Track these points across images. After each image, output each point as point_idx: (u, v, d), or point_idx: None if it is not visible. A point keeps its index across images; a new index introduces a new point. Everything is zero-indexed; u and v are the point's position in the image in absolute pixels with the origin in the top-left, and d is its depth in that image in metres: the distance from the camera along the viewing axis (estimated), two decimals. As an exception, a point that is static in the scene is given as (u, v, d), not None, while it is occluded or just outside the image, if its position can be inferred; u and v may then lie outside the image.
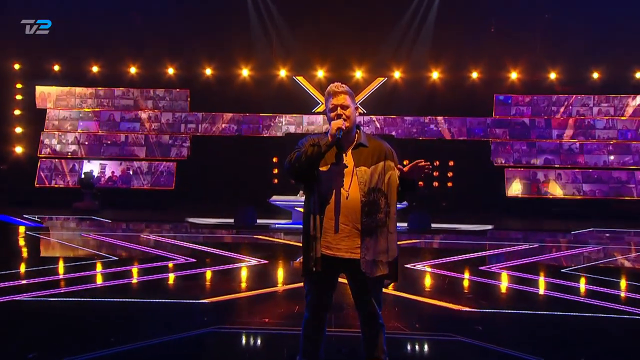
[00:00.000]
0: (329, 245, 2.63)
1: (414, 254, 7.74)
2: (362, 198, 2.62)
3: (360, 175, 2.64)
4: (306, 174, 2.63)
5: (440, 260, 7.17)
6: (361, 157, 2.68)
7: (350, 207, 2.62)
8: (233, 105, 14.74)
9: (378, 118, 14.87)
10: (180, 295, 5.09)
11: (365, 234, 2.62)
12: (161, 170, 14.45)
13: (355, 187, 2.63)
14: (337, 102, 2.66)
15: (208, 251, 7.58)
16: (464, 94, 14.29)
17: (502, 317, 4.58)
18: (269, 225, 10.74)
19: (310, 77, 14.74)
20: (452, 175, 14.10)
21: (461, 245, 8.98)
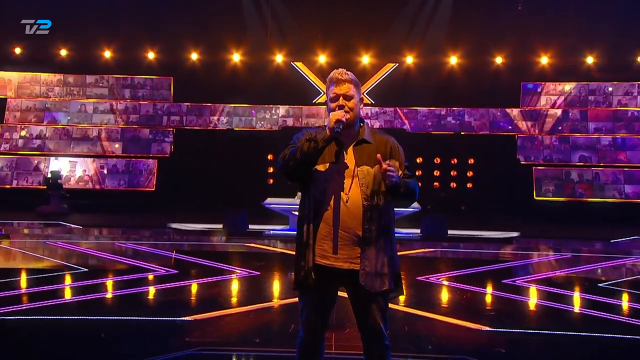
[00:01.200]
0: (325, 254, 2.64)
1: (427, 265, 7.70)
2: (363, 202, 2.62)
3: (362, 176, 2.64)
4: (302, 173, 2.63)
5: (458, 272, 7.15)
6: (364, 155, 2.67)
7: (350, 212, 2.62)
8: (222, 95, 14.78)
9: (387, 110, 14.88)
10: (159, 312, 5.10)
11: (366, 243, 2.63)
12: (140, 169, 14.49)
13: (356, 190, 2.63)
14: (339, 91, 2.66)
15: (193, 261, 7.58)
16: (487, 81, 14.29)
17: (528, 338, 4.58)
18: (263, 231, 10.75)
19: (310, 63, 14.76)
20: (472, 174, 14.10)
21: (482, 255, 8.96)
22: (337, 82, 2.68)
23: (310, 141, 2.57)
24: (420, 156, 14.21)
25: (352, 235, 2.62)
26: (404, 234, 10.67)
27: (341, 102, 2.65)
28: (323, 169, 2.63)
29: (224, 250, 9.37)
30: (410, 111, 14.89)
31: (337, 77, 2.68)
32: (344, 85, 2.67)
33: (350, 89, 2.67)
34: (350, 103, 2.67)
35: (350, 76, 2.70)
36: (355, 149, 2.69)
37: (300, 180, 2.68)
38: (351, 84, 2.69)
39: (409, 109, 14.87)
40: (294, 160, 2.59)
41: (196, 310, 5.11)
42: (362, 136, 2.71)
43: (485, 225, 11.58)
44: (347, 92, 2.66)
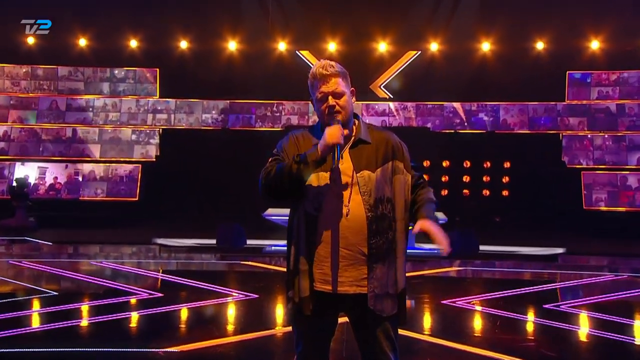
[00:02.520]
0: (326, 278, 2.62)
1: (454, 286, 7.66)
2: (367, 213, 2.60)
3: (362, 183, 2.62)
4: (290, 193, 2.63)
5: (491, 295, 7.12)
6: (362, 158, 2.66)
7: (352, 226, 2.60)
8: (216, 89, 14.88)
9: (408, 105, 14.88)
10: (141, 342, 5.12)
11: (373, 260, 2.61)
12: (121, 175, 14.60)
13: (357, 200, 2.61)
14: (327, 88, 2.65)
15: (181, 282, 7.60)
16: (526, 71, 14.25)
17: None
18: (263, 247, 10.76)
19: (318, 51, 14.81)
20: (509, 180, 14.04)
21: (520, 275, 8.90)
22: (322, 79, 2.66)
23: (300, 163, 2.55)
24: (446, 159, 14.18)
25: (356, 253, 2.60)
26: (426, 250, 10.62)
27: (331, 101, 2.65)
28: (316, 179, 2.62)
29: (218, 269, 9.38)
30: (434, 107, 14.88)
31: (321, 73, 2.66)
32: (331, 80, 2.65)
33: (339, 84, 2.66)
34: (342, 101, 2.66)
35: (337, 68, 2.69)
36: (352, 151, 2.67)
37: (288, 199, 2.68)
38: (339, 77, 2.67)
39: (433, 104, 14.86)
40: (279, 181, 2.59)
41: (184, 340, 5.13)
42: (358, 135, 2.70)
43: (524, 240, 11.52)
44: (336, 89, 2.65)
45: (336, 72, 2.68)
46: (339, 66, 2.71)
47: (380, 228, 2.61)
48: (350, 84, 2.74)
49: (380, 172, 2.64)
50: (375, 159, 2.66)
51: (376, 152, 2.68)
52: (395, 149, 2.72)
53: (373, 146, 2.69)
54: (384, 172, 2.65)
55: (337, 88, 2.66)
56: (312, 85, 2.71)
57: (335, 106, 2.64)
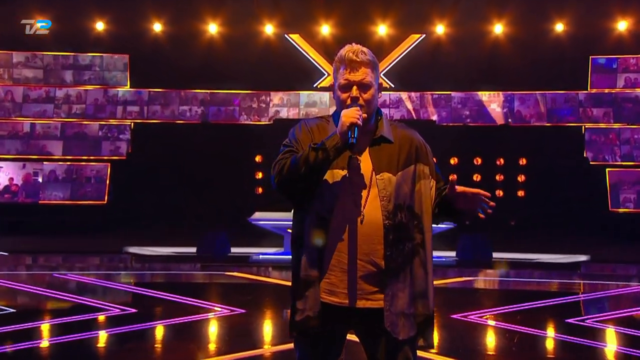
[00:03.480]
0: (334, 289, 2.63)
1: (465, 299, 7.67)
2: (385, 220, 2.61)
3: (382, 187, 2.64)
4: (307, 188, 2.63)
5: (506, 309, 7.13)
6: (383, 159, 2.67)
7: (367, 233, 2.61)
8: (195, 78, 14.83)
9: (411, 95, 14.90)
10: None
11: (389, 274, 2.61)
12: (87, 176, 14.54)
13: (374, 204, 2.62)
14: (353, 77, 2.64)
15: (157, 296, 7.58)
16: (543, 56, 14.29)
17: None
18: (249, 256, 10.76)
19: (310, 35, 14.81)
20: (525, 179, 14.08)
21: (539, 285, 8.90)
22: (350, 65, 2.65)
23: (318, 150, 2.54)
24: (454, 156, 14.21)
25: (370, 264, 2.61)
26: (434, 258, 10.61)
27: (355, 92, 2.64)
28: (330, 178, 2.63)
29: (198, 281, 9.36)
30: (441, 97, 14.91)
31: (350, 58, 2.65)
32: (360, 69, 2.64)
33: (368, 75, 2.65)
34: (368, 94, 2.66)
35: (369, 56, 2.68)
36: (372, 150, 2.68)
37: (302, 196, 2.68)
38: (369, 67, 2.66)
39: (439, 93, 14.88)
40: (297, 174, 2.57)
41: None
42: (380, 133, 2.71)
43: (543, 247, 11.56)
44: (364, 79, 2.64)
45: (368, 60, 2.66)
46: (371, 54, 2.70)
47: (398, 239, 2.61)
48: (379, 77, 2.74)
49: (401, 175, 2.65)
50: (397, 161, 2.67)
51: (399, 152, 2.68)
52: (420, 151, 2.74)
53: (395, 146, 2.70)
54: (405, 176, 2.66)
55: (365, 79, 2.65)
56: (337, 69, 2.69)
57: (359, 98, 2.64)
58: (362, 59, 2.65)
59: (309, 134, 2.72)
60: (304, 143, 2.66)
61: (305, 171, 2.56)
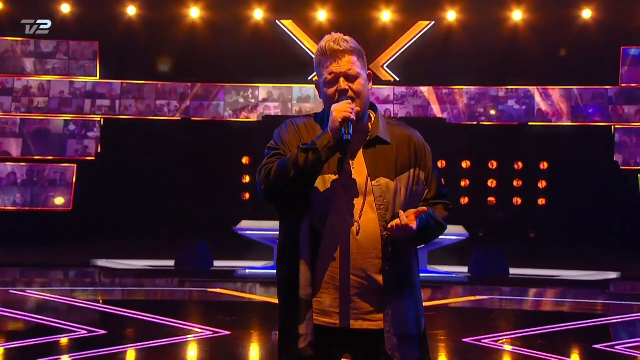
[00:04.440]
0: (327, 309, 2.65)
1: (479, 320, 7.63)
2: (383, 232, 2.63)
3: (378, 194, 2.65)
4: (298, 195, 2.65)
5: (525, 332, 7.10)
6: (379, 162, 2.69)
7: (363, 247, 2.63)
8: (174, 68, 14.79)
9: (418, 90, 14.89)
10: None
11: (388, 291, 2.64)
12: (50, 179, 14.47)
13: (370, 215, 2.64)
14: (338, 68, 2.66)
15: (129, 316, 7.54)
16: (568, 47, 14.28)
17: None
18: (235, 270, 10.73)
19: (304, 21, 14.78)
20: (546, 185, 14.08)
21: (562, 305, 8.88)
22: (333, 56, 2.67)
23: (308, 151, 2.55)
24: (466, 158, 14.20)
25: (367, 280, 2.63)
26: (443, 274, 10.61)
27: (342, 85, 2.65)
28: (321, 185, 2.64)
29: (176, 298, 9.31)
30: (451, 92, 14.90)
31: (332, 48, 2.66)
32: (344, 58, 2.66)
33: (354, 64, 2.67)
34: (356, 85, 2.67)
35: (352, 43, 2.70)
36: (366, 152, 2.70)
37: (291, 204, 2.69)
38: (353, 54, 2.68)
39: (449, 88, 14.88)
40: (285, 179, 2.58)
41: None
42: (375, 133, 2.73)
43: (566, 262, 11.54)
44: (350, 70, 2.66)
45: (351, 48, 2.68)
46: (354, 42, 2.72)
47: (398, 252, 2.64)
48: (367, 65, 2.76)
49: (400, 181, 2.67)
50: (395, 164, 2.69)
51: (397, 155, 2.70)
52: (419, 153, 2.75)
53: (393, 147, 2.72)
54: (404, 182, 2.68)
55: (352, 69, 2.67)
56: (320, 63, 2.71)
57: (348, 90, 2.65)
58: (344, 47, 2.67)
59: (297, 134, 2.73)
60: (292, 144, 2.68)
61: (295, 175, 2.56)
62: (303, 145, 2.57)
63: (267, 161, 2.67)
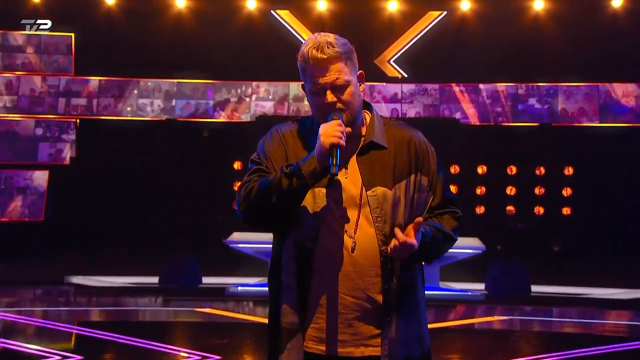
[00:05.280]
0: (323, 335, 2.66)
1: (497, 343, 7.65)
2: (381, 247, 2.65)
3: (375, 205, 2.67)
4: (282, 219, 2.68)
5: (549, 357, 7.10)
6: (375, 169, 2.70)
7: (359, 264, 2.65)
8: (158, 64, 14.80)
9: (429, 87, 14.90)
10: None
11: (389, 312, 2.66)
12: (20, 187, 14.47)
13: (367, 228, 2.66)
14: (324, 79, 2.66)
15: (108, 339, 7.54)
16: (596, 38, 14.29)
17: None
18: (226, 287, 10.72)
19: (302, 11, 14.82)
20: (571, 193, 14.08)
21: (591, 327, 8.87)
22: (317, 65, 2.65)
23: (292, 176, 2.55)
24: (482, 163, 14.21)
25: (365, 301, 2.65)
26: (457, 292, 10.59)
27: (330, 98, 2.65)
28: (311, 199, 2.66)
29: (161, 319, 9.36)
30: (466, 90, 14.91)
31: (315, 57, 2.64)
32: (330, 68, 2.65)
33: (341, 72, 2.66)
34: (346, 94, 2.67)
35: (337, 47, 2.66)
36: (360, 159, 2.71)
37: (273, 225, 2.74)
38: (340, 61, 2.66)
39: (464, 85, 14.89)
40: (267, 204, 2.61)
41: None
42: (369, 137, 2.73)
43: (595, 279, 11.53)
44: (337, 80, 2.65)
45: (337, 54, 2.66)
46: (340, 43, 2.69)
47: (397, 267, 2.66)
48: (357, 64, 2.75)
49: (399, 189, 2.68)
50: (393, 171, 2.70)
51: (394, 160, 2.72)
52: (420, 156, 2.76)
53: (390, 152, 2.73)
54: (404, 190, 2.70)
55: (339, 78, 2.66)
56: (303, 70, 2.71)
57: (336, 103, 2.65)
58: (329, 54, 2.65)
59: (282, 146, 2.74)
60: (276, 159, 2.71)
61: (278, 200, 2.59)
62: (287, 169, 2.57)
63: (248, 179, 2.69)
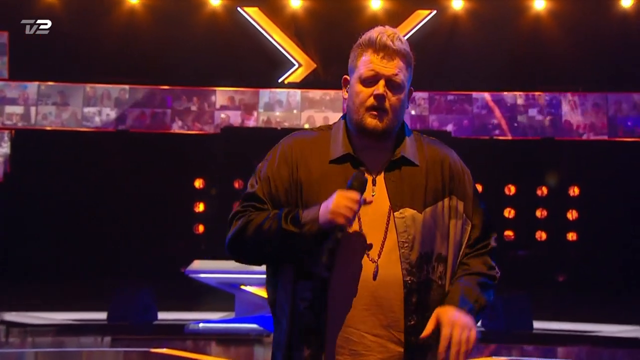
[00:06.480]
0: None
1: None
2: (406, 277, 2.65)
3: (402, 228, 2.67)
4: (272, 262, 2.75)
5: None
6: (405, 189, 2.72)
7: (382, 296, 2.64)
8: (108, 66, 14.80)
9: (416, 95, 14.96)
10: None
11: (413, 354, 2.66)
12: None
13: (391, 254, 2.66)
14: (382, 68, 2.68)
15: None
16: (603, 42, 14.44)
17: None
18: (185, 324, 10.68)
19: (272, 9, 14.91)
20: (577, 216, 14.18)
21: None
22: (382, 52, 2.69)
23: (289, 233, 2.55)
24: (478, 181, 14.06)
25: (387, 340, 2.65)
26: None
27: (381, 89, 2.67)
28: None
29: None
30: (458, 99, 15.03)
31: (384, 43, 2.69)
32: (394, 60, 2.70)
33: (401, 70, 2.71)
34: (396, 99, 2.69)
35: (406, 46, 2.74)
36: (388, 176, 2.72)
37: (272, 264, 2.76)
38: (404, 61, 2.72)
39: (455, 94, 15.00)
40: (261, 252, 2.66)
41: None
42: (401, 151, 2.75)
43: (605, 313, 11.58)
44: (396, 76, 2.69)
45: (405, 52, 2.72)
46: (408, 46, 2.75)
47: (425, 302, 2.65)
48: (411, 76, 2.78)
49: (430, 212, 2.69)
50: (425, 192, 2.71)
51: (426, 179, 2.73)
52: (456, 178, 2.80)
53: (422, 170, 2.75)
54: (435, 214, 2.71)
55: (398, 75, 2.69)
56: (360, 54, 2.74)
57: (385, 101, 2.67)
58: (398, 47, 2.70)
59: (290, 167, 2.72)
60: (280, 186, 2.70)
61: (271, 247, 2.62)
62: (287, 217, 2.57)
63: (243, 208, 2.70)
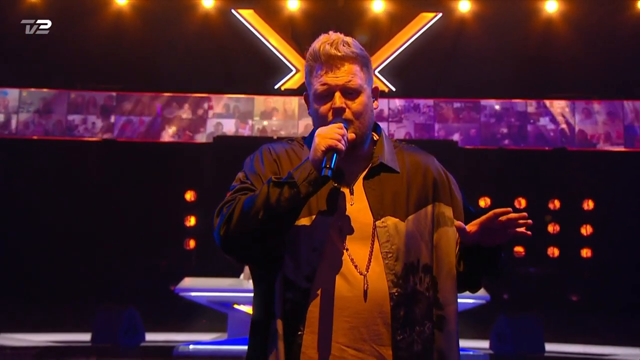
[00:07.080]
0: None
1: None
2: (391, 289, 2.66)
3: (385, 238, 2.69)
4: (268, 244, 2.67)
5: None
6: (385, 197, 2.74)
7: (366, 309, 2.65)
8: (94, 72, 14.79)
9: (421, 103, 14.98)
10: None
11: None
12: None
13: (374, 266, 2.67)
14: (333, 79, 2.73)
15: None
16: (618, 46, 14.40)
17: None
18: (174, 346, 10.64)
19: (268, 11, 14.89)
20: (592, 232, 14.18)
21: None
22: (328, 62, 2.74)
23: (283, 185, 2.58)
24: (485, 194, 14.26)
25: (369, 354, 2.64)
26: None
27: (338, 102, 2.71)
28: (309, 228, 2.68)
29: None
30: (465, 106, 15.02)
31: (328, 53, 2.73)
32: (343, 67, 2.74)
33: (355, 74, 2.74)
34: (357, 103, 2.74)
35: (354, 48, 2.77)
36: (368, 184, 2.75)
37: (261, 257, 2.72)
38: (355, 63, 2.76)
39: (462, 101, 15.01)
40: (253, 223, 2.60)
41: None
42: (379, 159, 2.78)
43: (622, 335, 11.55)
44: (350, 82, 2.73)
45: (353, 54, 2.75)
46: (357, 46, 2.79)
47: (412, 315, 2.67)
48: (372, 75, 2.82)
49: (413, 220, 2.71)
50: (407, 200, 2.74)
51: (408, 187, 2.76)
52: (439, 184, 2.81)
53: (402, 177, 2.78)
54: (419, 222, 2.73)
55: (352, 81, 2.73)
56: (311, 71, 2.78)
57: (345, 110, 2.71)
58: (344, 52, 2.73)
59: (274, 164, 2.78)
60: (268, 176, 2.69)
61: (266, 217, 2.59)
62: (276, 178, 2.59)
63: (230, 197, 2.70)
